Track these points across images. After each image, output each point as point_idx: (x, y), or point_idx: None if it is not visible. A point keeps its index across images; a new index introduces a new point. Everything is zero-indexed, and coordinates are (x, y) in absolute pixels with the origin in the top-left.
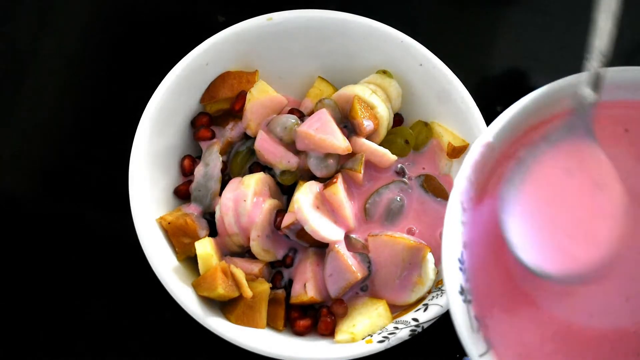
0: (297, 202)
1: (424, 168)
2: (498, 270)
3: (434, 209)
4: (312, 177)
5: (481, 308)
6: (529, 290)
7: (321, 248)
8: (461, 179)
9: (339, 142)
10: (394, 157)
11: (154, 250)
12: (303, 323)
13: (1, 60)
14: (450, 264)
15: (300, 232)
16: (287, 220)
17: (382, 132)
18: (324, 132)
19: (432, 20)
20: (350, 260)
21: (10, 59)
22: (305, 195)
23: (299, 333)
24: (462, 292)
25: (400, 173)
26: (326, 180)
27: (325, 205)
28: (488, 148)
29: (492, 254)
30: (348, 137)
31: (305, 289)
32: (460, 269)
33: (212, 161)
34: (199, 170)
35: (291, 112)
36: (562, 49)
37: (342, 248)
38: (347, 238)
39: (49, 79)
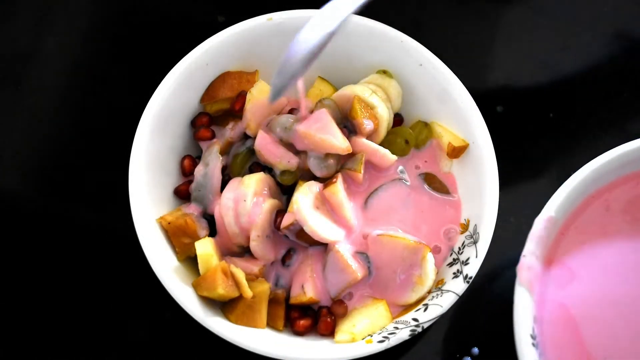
0: (296, 202)
1: (426, 161)
2: (573, 344)
3: (436, 206)
4: (312, 177)
5: None
6: None
7: (321, 248)
8: (527, 254)
9: (339, 142)
10: (394, 157)
11: (154, 250)
12: (303, 323)
13: (1, 60)
14: (523, 341)
15: (300, 232)
16: (286, 220)
17: (382, 132)
18: (324, 132)
19: (433, 20)
20: (350, 260)
21: (10, 59)
22: (305, 195)
23: (299, 333)
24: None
25: (401, 172)
26: (326, 180)
27: (325, 205)
28: (550, 222)
29: (564, 327)
30: (348, 137)
31: (305, 289)
32: (533, 344)
33: (212, 161)
34: (199, 170)
35: (291, 112)
36: (562, 49)
37: (342, 248)
38: (347, 238)
39: (49, 79)
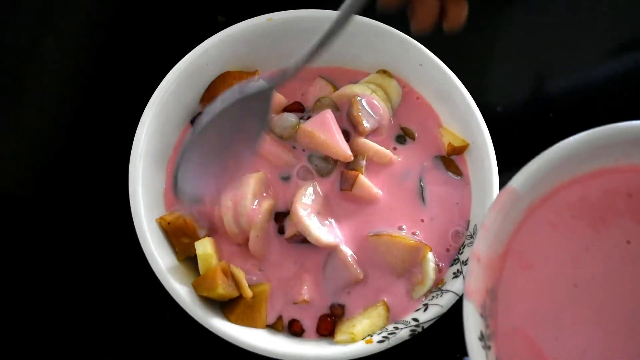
0: (295, 215)
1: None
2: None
3: (449, 191)
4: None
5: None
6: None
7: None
8: (485, 225)
9: (341, 148)
10: (396, 158)
11: (154, 250)
12: (302, 323)
13: (1, 60)
14: (472, 312)
15: (305, 240)
16: (289, 232)
17: (383, 131)
18: (328, 134)
19: None
20: (351, 260)
21: (10, 59)
22: (304, 206)
23: (299, 333)
24: (481, 338)
25: (406, 173)
26: (324, 177)
27: (326, 205)
28: (513, 196)
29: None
30: (349, 137)
31: (304, 290)
32: (482, 315)
33: None
34: None
35: (292, 105)
36: (562, 49)
37: (344, 248)
38: (350, 238)
39: (49, 79)
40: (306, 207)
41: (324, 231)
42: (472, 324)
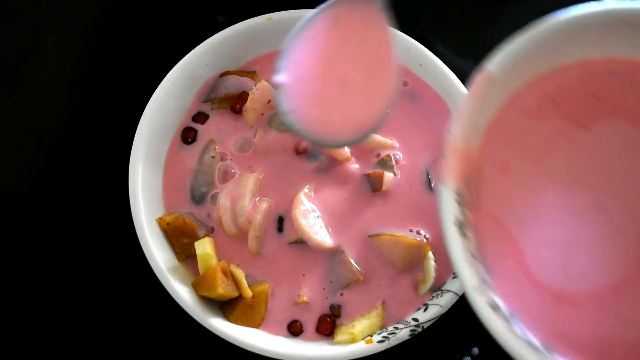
0: (295, 221)
1: None
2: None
3: None
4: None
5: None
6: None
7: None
8: (460, 107)
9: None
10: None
11: (154, 250)
12: (302, 323)
13: (1, 60)
14: (447, 197)
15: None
16: (291, 237)
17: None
18: None
19: (432, 20)
20: (352, 260)
21: (10, 59)
22: (304, 212)
23: (298, 333)
24: (456, 223)
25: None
26: (322, 172)
27: (326, 208)
28: (489, 79)
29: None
30: None
31: (305, 289)
32: (457, 202)
33: (209, 160)
34: (196, 170)
35: None
36: None
37: (345, 248)
38: (351, 237)
39: (49, 79)
40: (305, 212)
41: (325, 235)
42: (447, 208)
